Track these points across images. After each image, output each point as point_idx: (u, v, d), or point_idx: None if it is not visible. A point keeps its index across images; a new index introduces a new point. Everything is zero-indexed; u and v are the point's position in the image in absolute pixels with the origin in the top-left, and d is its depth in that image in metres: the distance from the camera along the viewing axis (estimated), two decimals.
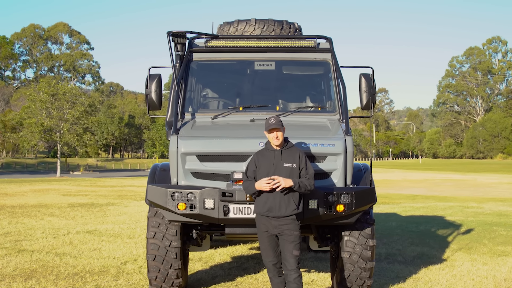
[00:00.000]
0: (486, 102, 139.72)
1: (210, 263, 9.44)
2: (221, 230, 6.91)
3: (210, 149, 6.52)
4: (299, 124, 7.11)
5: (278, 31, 7.92)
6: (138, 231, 13.03)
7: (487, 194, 26.20)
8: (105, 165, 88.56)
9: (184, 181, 6.52)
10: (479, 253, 10.43)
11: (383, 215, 16.73)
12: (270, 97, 7.81)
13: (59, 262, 9.37)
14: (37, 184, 35.02)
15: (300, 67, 7.93)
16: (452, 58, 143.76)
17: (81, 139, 54.15)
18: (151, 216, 6.91)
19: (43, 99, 51.20)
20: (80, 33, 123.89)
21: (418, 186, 33.47)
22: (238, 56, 7.76)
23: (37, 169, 72.08)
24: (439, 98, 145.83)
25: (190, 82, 7.66)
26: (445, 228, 13.78)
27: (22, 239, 11.87)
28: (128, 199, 23.01)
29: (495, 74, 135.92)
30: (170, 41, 7.22)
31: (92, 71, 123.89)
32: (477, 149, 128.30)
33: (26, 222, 14.82)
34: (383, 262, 9.41)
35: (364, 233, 6.82)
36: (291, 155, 5.94)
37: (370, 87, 7.45)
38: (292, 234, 5.85)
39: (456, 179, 41.40)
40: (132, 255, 9.98)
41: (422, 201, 22.09)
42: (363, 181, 7.01)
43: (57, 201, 21.90)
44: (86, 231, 13.10)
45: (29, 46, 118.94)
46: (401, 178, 44.43)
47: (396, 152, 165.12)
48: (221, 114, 7.39)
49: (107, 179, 44.60)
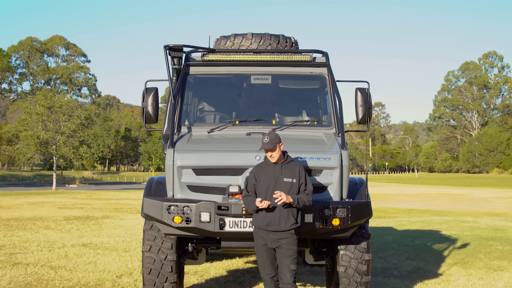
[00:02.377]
0: (482, 117, 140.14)
1: (205, 276, 9.42)
2: (217, 243, 6.89)
3: (206, 162, 6.53)
4: (295, 138, 7.12)
5: (275, 45, 7.97)
6: (134, 244, 12.99)
7: (483, 209, 26.20)
8: (101, 178, 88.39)
9: (180, 195, 6.52)
10: (475, 267, 10.43)
11: (379, 229, 16.72)
12: (267, 111, 7.82)
13: (54, 275, 9.34)
14: (32, 197, 34.90)
15: (296, 81, 7.96)
16: (448, 72, 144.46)
17: (77, 152, 54.06)
18: (146, 229, 6.89)
19: (40, 111, 51.16)
20: (76, 46, 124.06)
21: (414, 200, 33.46)
22: (234, 70, 7.79)
23: (32, 182, 71.88)
24: (435, 112, 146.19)
25: (186, 96, 7.68)
26: (441, 243, 13.78)
27: (17, 252, 11.83)
28: (123, 212, 22.94)
29: (491, 88, 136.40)
30: (167, 54, 7.25)
31: (88, 84, 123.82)
32: (473, 164, 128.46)
33: (21, 235, 14.76)
34: (379, 276, 9.40)
35: (360, 247, 6.81)
36: (291, 170, 5.97)
37: (366, 102, 7.48)
38: (290, 248, 5.87)
39: (452, 193, 41.42)
40: (128, 269, 9.95)
41: (418, 215, 22.08)
42: (359, 195, 7.03)
43: (52, 214, 21.83)
44: (81, 244, 13.06)
45: (25, 59, 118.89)
46: (397, 192, 44.43)
47: (392, 166, 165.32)
48: (217, 127, 7.40)
49: (103, 192, 44.48)
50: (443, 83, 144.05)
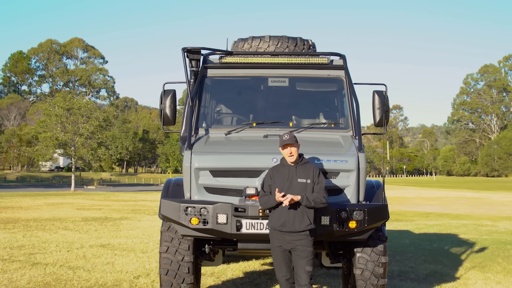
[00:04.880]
0: (501, 120, 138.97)
1: (222, 278, 9.45)
2: (234, 245, 6.89)
3: (224, 164, 6.56)
4: (312, 141, 7.13)
5: (292, 47, 7.98)
6: (151, 246, 13.07)
7: (501, 213, 25.98)
8: (118, 180, 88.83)
9: (197, 196, 6.55)
10: (493, 271, 10.35)
11: (396, 232, 16.65)
12: (284, 113, 7.82)
13: (72, 275, 9.43)
14: (51, 198, 35.21)
15: (314, 84, 7.97)
16: (467, 75, 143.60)
17: (95, 154, 54.40)
18: (164, 231, 6.93)
19: (58, 113, 51.59)
20: (95, 48, 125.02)
21: (431, 203, 33.26)
22: (252, 73, 7.82)
23: (51, 183, 72.40)
24: (453, 115, 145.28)
25: (204, 98, 7.73)
26: (458, 246, 13.69)
27: (36, 252, 11.95)
28: (141, 214, 23.08)
29: (510, 92, 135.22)
30: (184, 57, 7.29)
31: (107, 86, 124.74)
32: (491, 167, 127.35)
33: (40, 235, 14.91)
34: (395, 280, 9.37)
35: (377, 250, 6.80)
36: (306, 171, 5.99)
37: (383, 104, 7.46)
38: (305, 250, 5.87)
39: (470, 197, 41.10)
40: (145, 269, 10.02)
41: (435, 219, 21.94)
42: (375, 197, 7.01)
43: (71, 215, 22.01)
44: (99, 245, 13.16)
45: (45, 61, 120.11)
46: (415, 195, 44.18)
47: (410, 169, 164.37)
48: (234, 129, 7.43)
49: (120, 194, 44.73)
50: (462, 86, 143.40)
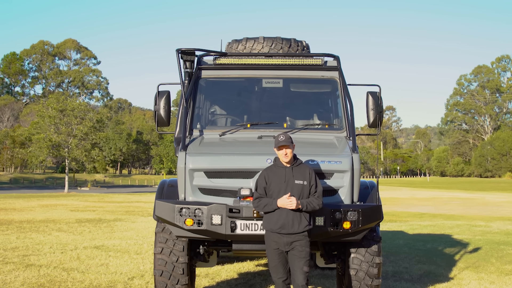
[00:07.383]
0: (495, 121, 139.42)
1: (216, 279, 9.45)
2: (228, 246, 6.90)
3: (218, 165, 6.57)
4: (307, 142, 7.14)
5: (286, 49, 7.99)
6: (145, 247, 13.05)
7: (495, 213, 26.07)
8: (112, 181, 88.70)
9: (192, 197, 6.55)
10: (487, 272, 10.39)
11: (390, 233, 16.69)
12: (278, 114, 7.83)
13: (66, 277, 9.41)
14: (45, 200, 35.11)
15: (308, 85, 7.98)
16: (460, 76, 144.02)
17: (89, 155, 54.37)
18: (158, 232, 6.94)
19: (52, 114, 51.51)
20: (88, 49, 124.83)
21: (425, 204, 33.34)
22: (246, 74, 7.83)
23: (45, 185, 72.26)
24: (447, 116, 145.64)
25: (198, 99, 7.73)
26: (452, 247, 13.73)
27: (30, 254, 11.92)
28: (135, 215, 23.04)
29: (503, 92, 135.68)
30: (179, 58, 7.29)
31: (100, 87, 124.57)
32: (485, 168, 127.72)
33: (34, 237, 14.87)
34: (389, 280, 9.39)
35: (371, 250, 6.82)
36: (302, 172, 5.99)
37: (377, 105, 7.49)
38: (304, 250, 5.88)
39: (464, 198, 41.21)
40: (139, 271, 10.01)
41: (429, 219, 22.00)
42: (369, 198, 7.02)
43: (64, 216, 21.96)
44: (93, 246, 13.14)
45: (38, 62, 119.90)
46: (409, 196, 44.28)
47: (404, 170, 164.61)
48: (229, 130, 7.44)
49: (114, 195, 44.65)
50: (455, 87, 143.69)
